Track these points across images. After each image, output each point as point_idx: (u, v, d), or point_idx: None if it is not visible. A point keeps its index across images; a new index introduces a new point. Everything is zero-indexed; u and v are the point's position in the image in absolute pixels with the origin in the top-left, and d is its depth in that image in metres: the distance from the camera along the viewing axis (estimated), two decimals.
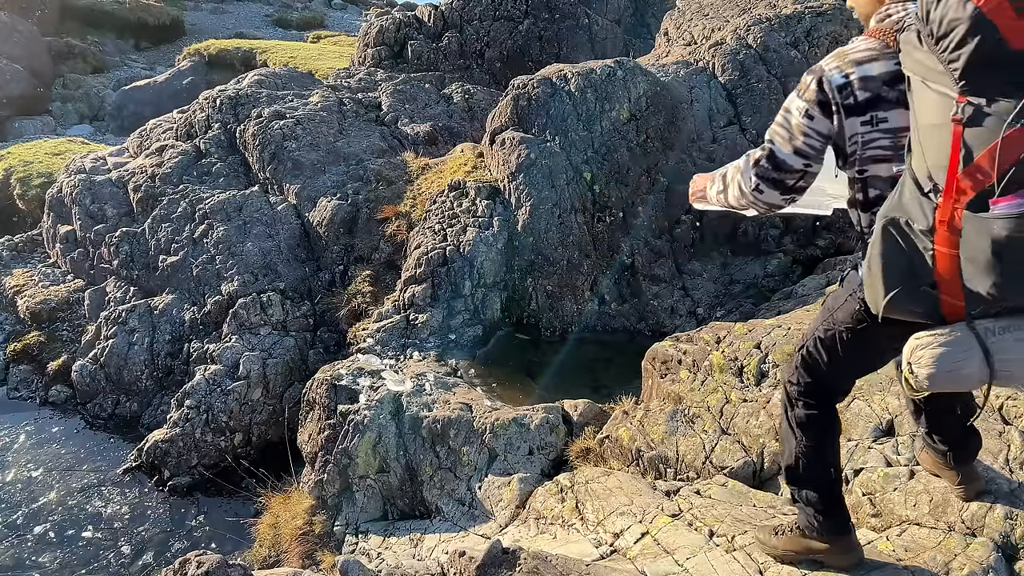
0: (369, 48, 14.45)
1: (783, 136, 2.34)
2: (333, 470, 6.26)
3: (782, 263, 8.77)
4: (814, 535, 2.87)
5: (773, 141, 2.37)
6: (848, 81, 2.18)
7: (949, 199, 1.90)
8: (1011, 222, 1.78)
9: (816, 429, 2.71)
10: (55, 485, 7.69)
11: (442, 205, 8.85)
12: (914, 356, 2.06)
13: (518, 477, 5.36)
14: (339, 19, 32.00)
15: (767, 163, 2.38)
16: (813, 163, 2.32)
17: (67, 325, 9.77)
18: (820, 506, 2.78)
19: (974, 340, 1.98)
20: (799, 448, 2.73)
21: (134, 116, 17.74)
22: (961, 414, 2.88)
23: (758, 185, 2.39)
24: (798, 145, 2.30)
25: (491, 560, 3.30)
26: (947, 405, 2.88)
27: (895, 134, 2.18)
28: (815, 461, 2.73)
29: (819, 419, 2.70)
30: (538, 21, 14.58)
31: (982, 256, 1.84)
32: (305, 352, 8.47)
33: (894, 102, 2.15)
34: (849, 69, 2.19)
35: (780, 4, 11.12)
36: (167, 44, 26.10)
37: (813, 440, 2.71)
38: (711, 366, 4.80)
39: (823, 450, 2.73)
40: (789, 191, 2.38)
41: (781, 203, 2.42)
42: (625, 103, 9.14)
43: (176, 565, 3.58)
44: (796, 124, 2.29)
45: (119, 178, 10.67)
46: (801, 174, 2.34)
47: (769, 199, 2.41)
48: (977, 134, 1.83)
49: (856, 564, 2.90)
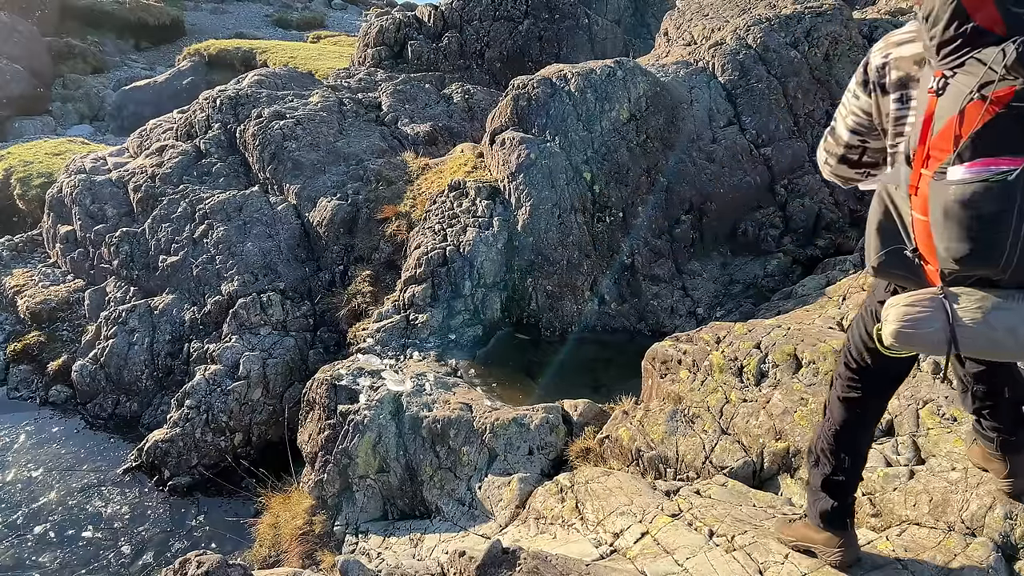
0: (369, 48, 14.46)
1: (841, 114, 2.46)
2: (333, 470, 6.26)
3: (782, 263, 8.76)
4: (814, 524, 2.89)
5: (835, 119, 2.49)
6: (886, 61, 2.27)
7: (919, 166, 2.03)
8: (961, 188, 1.90)
9: (853, 413, 2.73)
10: (55, 485, 7.69)
11: (442, 205, 8.85)
12: (884, 313, 2.18)
13: (518, 477, 5.36)
14: (339, 19, 32.02)
15: (830, 138, 2.52)
16: (869, 140, 2.39)
17: (67, 325, 9.77)
18: (829, 492, 2.79)
19: (941, 304, 2.06)
20: (829, 426, 2.76)
21: (134, 116, 17.75)
22: (1010, 399, 2.87)
23: (826, 159, 2.54)
24: (850, 123, 2.41)
25: (491, 560, 3.30)
26: (994, 386, 2.86)
27: None
28: (842, 444, 2.75)
29: (859, 404, 2.72)
30: (538, 21, 14.58)
31: (939, 220, 1.97)
32: (305, 352, 8.48)
33: None
34: (889, 50, 2.28)
35: (780, 4, 11.12)
36: (167, 44, 26.11)
37: (846, 423, 2.73)
38: (711, 366, 4.80)
39: (854, 436, 2.76)
40: (857, 166, 2.47)
41: (856, 176, 2.50)
42: (625, 103, 9.14)
43: (176, 565, 3.59)
44: (848, 103, 2.41)
45: (119, 178, 10.67)
46: (861, 150, 2.42)
47: (840, 172, 2.52)
48: (945, 106, 1.95)
49: (852, 561, 2.91)
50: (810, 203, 9.20)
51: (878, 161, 2.43)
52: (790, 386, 4.30)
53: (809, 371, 4.34)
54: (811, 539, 2.98)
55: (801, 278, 8.36)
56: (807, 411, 4.11)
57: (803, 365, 4.39)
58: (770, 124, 9.65)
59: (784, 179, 9.47)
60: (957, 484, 3.25)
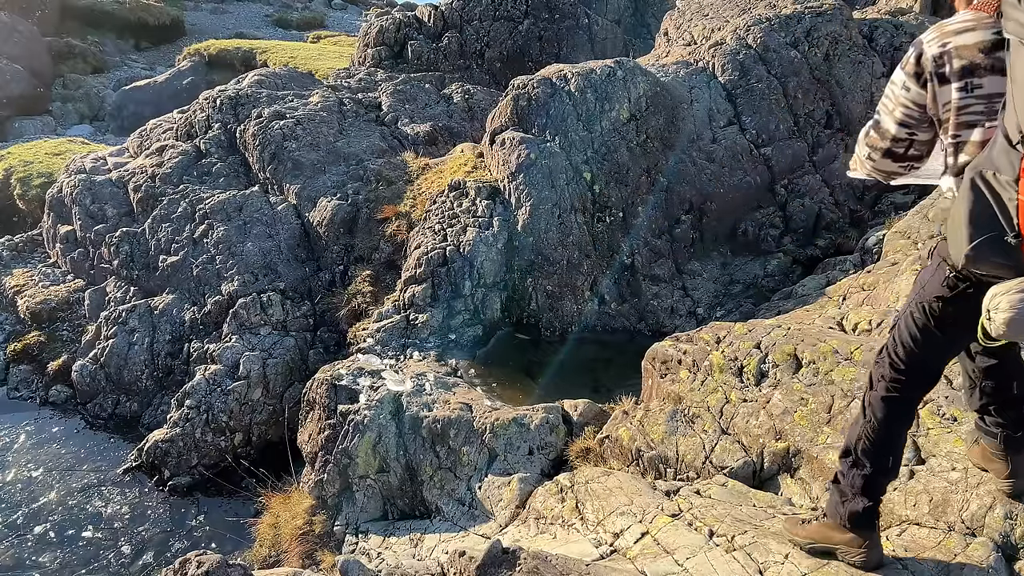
0: (369, 48, 14.45)
1: (887, 108, 2.44)
2: (333, 470, 6.26)
3: (782, 263, 8.77)
4: (838, 524, 2.86)
5: (879, 113, 2.47)
6: (945, 50, 2.25)
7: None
8: None
9: (898, 413, 2.70)
10: (55, 485, 7.69)
11: (442, 205, 8.85)
12: (992, 302, 2.14)
13: (518, 477, 5.36)
14: (339, 19, 32.01)
15: (873, 133, 2.50)
16: (917, 132, 2.40)
17: (67, 325, 9.77)
18: (867, 493, 2.76)
19: None
20: (872, 427, 2.72)
21: (134, 116, 17.75)
22: (1018, 395, 2.86)
23: (869, 154, 2.52)
24: (898, 116, 2.40)
25: (491, 560, 3.30)
26: (1005, 382, 2.86)
27: (989, 100, 2.23)
28: (886, 445, 2.73)
29: (904, 403, 2.70)
30: (538, 21, 14.59)
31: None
32: (305, 352, 8.48)
33: (989, 69, 2.21)
34: (947, 39, 2.26)
35: (780, 4, 11.12)
36: (167, 44, 26.11)
37: (891, 423, 2.71)
38: (711, 366, 4.80)
39: (899, 435, 2.75)
40: (902, 159, 2.47)
41: (899, 170, 2.49)
42: (625, 103, 9.14)
43: (176, 565, 3.59)
44: (896, 96, 2.40)
45: (119, 178, 10.67)
46: (907, 143, 2.42)
47: (883, 166, 2.51)
48: None
49: (876, 562, 2.87)
50: (810, 203, 9.20)
51: (923, 154, 2.44)
52: (790, 386, 4.30)
53: (809, 371, 4.33)
54: (831, 539, 2.93)
55: (801, 278, 8.36)
56: (807, 411, 4.11)
57: (803, 365, 4.39)
58: (770, 124, 9.65)
59: (784, 179, 9.47)
60: (957, 484, 3.25)
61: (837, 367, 4.20)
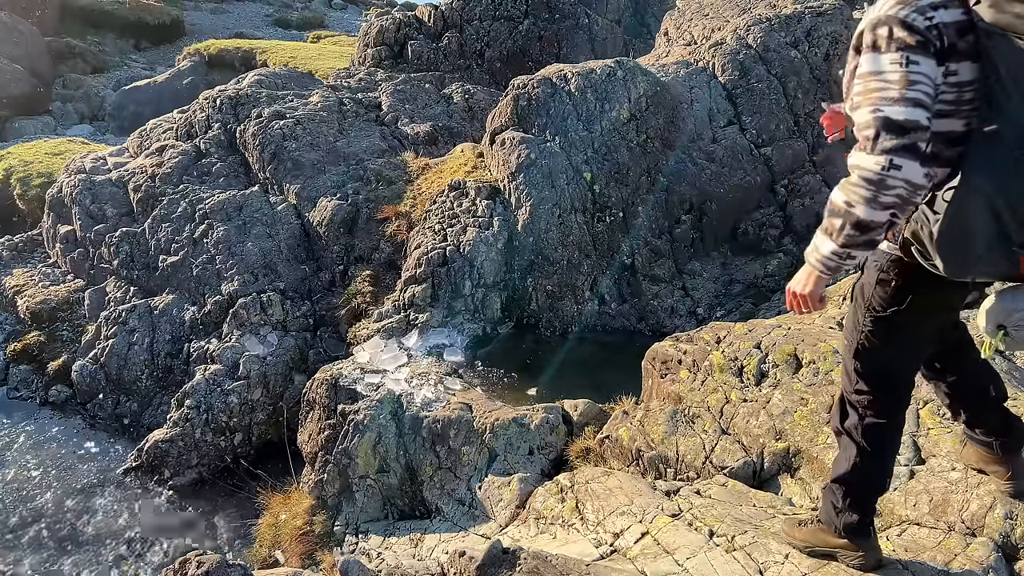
0: (369, 48, 14.45)
1: (892, 96, 1.97)
2: (333, 470, 6.26)
3: (782, 263, 8.77)
4: (833, 531, 2.87)
5: (880, 108, 1.99)
6: (934, 24, 1.97)
7: None
8: None
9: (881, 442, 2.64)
10: (55, 485, 7.68)
11: (442, 205, 8.85)
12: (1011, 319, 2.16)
13: (518, 477, 5.36)
14: (339, 19, 32.00)
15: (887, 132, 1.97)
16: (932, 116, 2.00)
17: (67, 325, 9.77)
18: (851, 509, 2.76)
19: None
20: (858, 459, 2.67)
21: (134, 116, 17.73)
22: (995, 396, 2.85)
23: (891, 160, 1.96)
24: (913, 96, 1.96)
25: (491, 560, 3.30)
26: (978, 387, 2.84)
27: (960, 88, 2.03)
28: (872, 473, 2.69)
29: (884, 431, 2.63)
30: (538, 21, 14.58)
31: None
32: (305, 352, 8.47)
33: (964, 54, 2.00)
34: (928, 12, 1.98)
35: (780, 4, 11.12)
36: (167, 44, 26.09)
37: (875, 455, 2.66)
38: (711, 366, 4.80)
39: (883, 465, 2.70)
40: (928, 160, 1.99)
41: (923, 181, 1.98)
42: (625, 103, 9.14)
43: (176, 565, 3.58)
44: (900, 77, 1.97)
45: (119, 178, 10.66)
46: (927, 131, 1.97)
47: (910, 174, 1.96)
48: None
49: (874, 564, 2.88)
50: (810, 203, 9.20)
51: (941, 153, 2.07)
52: (790, 386, 4.30)
53: (809, 371, 4.33)
54: (829, 543, 2.93)
55: None
56: (807, 411, 4.11)
57: (803, 365, 4.39)
58: (770, 124, 9.65)
59: (784, 179, 9.47)
60: (957, 484, 3.24)
61: (837, 367, 4.20)
